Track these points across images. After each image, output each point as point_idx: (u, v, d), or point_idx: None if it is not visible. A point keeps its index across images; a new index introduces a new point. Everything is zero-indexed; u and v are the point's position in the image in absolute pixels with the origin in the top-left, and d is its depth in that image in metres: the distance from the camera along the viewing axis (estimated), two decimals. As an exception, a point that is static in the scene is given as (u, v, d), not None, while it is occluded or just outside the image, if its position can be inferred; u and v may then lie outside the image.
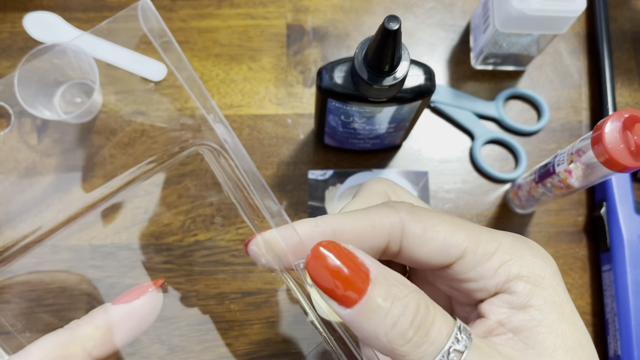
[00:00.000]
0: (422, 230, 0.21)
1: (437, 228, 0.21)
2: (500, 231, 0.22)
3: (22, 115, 0.47)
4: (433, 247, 0.21)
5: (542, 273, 0.20)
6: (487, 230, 0.21)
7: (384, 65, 0.32)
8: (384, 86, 0.33)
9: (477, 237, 0.21)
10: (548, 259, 0.21)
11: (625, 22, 0.52)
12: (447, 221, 0.21)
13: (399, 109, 0.37)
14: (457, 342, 0.18)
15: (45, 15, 0.49)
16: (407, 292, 0.18)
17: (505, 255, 0.20)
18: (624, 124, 0.31)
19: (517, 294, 0.20)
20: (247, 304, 0.43)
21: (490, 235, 0.21)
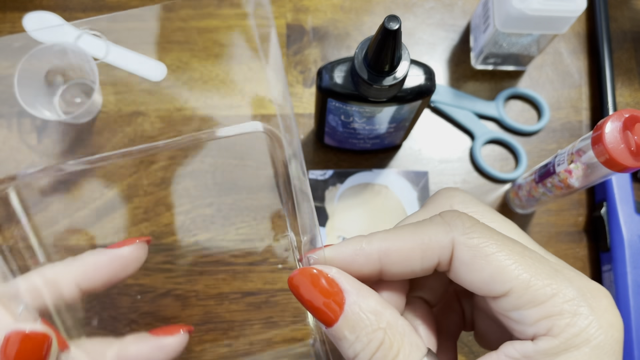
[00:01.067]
0: (471, 257, 0.20)
1: (489, 258, 0.20)
2: (569, 271, 0.20)
3: (21, 115, 0.47)
4: (479, 278, 0.20)
5: (589, 338, 0.18)
6: (549, 269, 0.20)
7: (384, 65, 0.32)
8: (384, 86, 0.33)
9: (531, 279, 0.19)
10: (608, 326, 0.19)
11: (625, 22, 0.52)
12: (504, 251, 0.20)
13: (399, 109, 0.37)
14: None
15: (45, 15, 0.49)
16: (374, 327, 0.19)
17: (556, 308, 0.19)
18: (624, 124, 0.31)
19: (546, 351, 0.19)
20: (247, 304, 0.43)
21: (550, 279, 0.19)
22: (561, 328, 0.19)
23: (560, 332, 0.19)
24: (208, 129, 0.44)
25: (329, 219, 0.45)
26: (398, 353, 0.19)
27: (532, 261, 0.20)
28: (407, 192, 0.46)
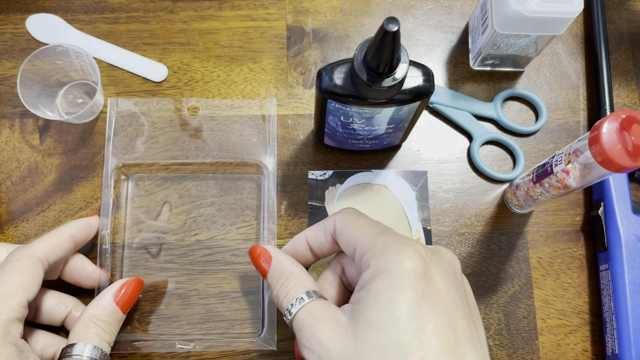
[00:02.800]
0: (341, 228, 0.33)
1: (349, 227, 0.32)
2: (392, 234, 0.31)
3: (24, 115, 0.47)
4: (343, 240, 0.33)
5: (390, 269, 0.28)
6: (376, 232, 0.31)
7: (383, 66, 0.32)
8: (383, 87, 0.33)
9: (365, 237, 0.31)
10: (403, 260, 0.28)
11: (622, 24, 0.52)
12: (356, 223, 0.32)
13: (398, 110, 0.37)
14: (297, 301, 0.31)
15: (47, 17, 0.50)
16: (281, 275, 0.33)
17: (373, 251, 0.29)
18: (621, 125, 0.32)
19: (364, 278, 0.29)
20: (248, 302, 0.43)
21: (375, 237, 0.30)
22: (373, 262, 0.29)
23: (372, 265, 0.29)
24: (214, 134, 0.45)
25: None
26: (291, 288, 0.32)
27: (370, 227, 0.32)
28: (406, 192, 0.47)
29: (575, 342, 0.44)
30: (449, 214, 0.46)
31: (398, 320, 0.26)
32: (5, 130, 0.47)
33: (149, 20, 0.50)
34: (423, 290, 0.27)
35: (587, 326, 0.44)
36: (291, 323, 0.31)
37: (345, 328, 0.28)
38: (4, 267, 0.35)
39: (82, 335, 0.36)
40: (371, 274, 0.28)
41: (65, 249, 0.39)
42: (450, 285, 0.29)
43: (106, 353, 0.36)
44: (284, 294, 0.32)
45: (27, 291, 0.34)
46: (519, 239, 0.46)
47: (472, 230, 0.46)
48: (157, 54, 0.50)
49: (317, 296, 0.31)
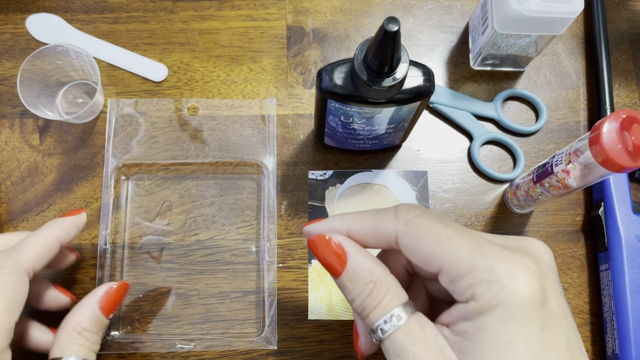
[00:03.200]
0: (409, 243, 0.26)
1: (422, 244, 0.26)
2: (495, 249, 0.25)
3: (24, 115, 0.47)
4: (416, 258, 0.26)
5: (501, 301, 0.23)
6: (471, 246, 0.25)
7: (383, 66, 0.32)
8: (383, 87, 0.33)
9: (456, 258, 0.25)
10: (518, 289, 0.24)
11: (623, 24, 0.52)
12: (434, 237, 0.26)
13: (398, 110, 0.37)
14: (393, 318, 0.26)
15: (47, 17, 0.50)
16: (367, 280, 0.26)
17: (475, 279, 0.24)
18: (621, 125, 0.32)
19: (469, 311, 0.24)
20: (248, 302, 0.43)
21: (471, 255, 0.25)
22: (480, 294, 0.24)
23: (479, 296, 0.24)
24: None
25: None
26: (382, 300, 0.26)
27: (456, 242, 0.25)
28: (406, 192, 0.47)
29: (576, 342, 0.44)
30: (449, 214, 0.46)
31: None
32: (5, 130, 0.47)
33: (149, 20, 0.50)
34: (542, 319, 0.24)
35: (587, 326, 0.44)
36: (382, 341, 0.26)
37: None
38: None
39: (67, 347, 0.33)
40: (480, 307, 0.24)
41: (52, 254, 0.36)
42: (560, 297, 0.25)
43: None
44: (373, 306, 0.26)
45: (15, 312, 0.32)
46: (519, 239, 0.46)
47: (472, 230, 0.46)
48: (157, 53, 0.50)
49: (413, 309, 0.26)
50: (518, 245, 0.26)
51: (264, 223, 0.44)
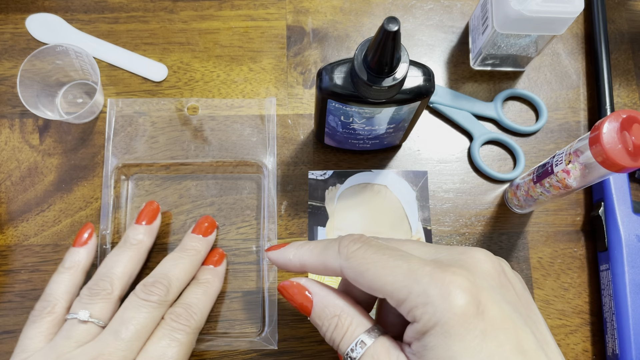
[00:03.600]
0: (353, 276, 0.29)
1: (364, 276, 0.28)
2: (429, 270, 0.26)
3: (24, 115, 0.47)
4: (363, 288, 0.28)
5: (436, 322, 0.25)
6: (406, 272, 0.27)
7: (383, 66, 0.32)
8: (383, 87, 0.33)
9: (393, 286, 0.27)
10: (449, 306, 0.25)
11: (623, 23, 0.52)
12: (371, 270, 0.28)
13: (398, 110, 0.37)
14: (358, 345, 0.28)
15: (47, 17, 0.50)
16: (331, 315, 0.29)
17: (412, 303, 0.26)
18: (621, 125, 0.32)
19: (415, 332, 0.26)
20: (248, 302, 0.43)
21: (406, 281, 0.26)
22: (419, 316, 0.25)
23: (419, 318, 0.25)
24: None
25: (329, 218, 0.45)
26: (347, 330, 0.29)
27: (391, 270, 0.27)
28: (406, 192, 0.47)
29: (576, 342, 0.44)
30: (449, 214, 0.46)
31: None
32: (5, 130, 0.47)
33: (148, 20, 0.50)
34: (481, 329, 0.25)
35: (588, 326, 0.44)
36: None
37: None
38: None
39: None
40: (422, 328, 0.26)
41: (138, 269, 0.40)
42: (503, 303, 0.26)
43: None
44: (340, 337, 0.29)
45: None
46: (519, 239, 0.46)
47: (473, 231, 0.46)
48: (157, 53, 0.49)
49: (378, 333, 0.28)
50: (456, 259, 0.28)
51: (264, 223, 0.44)
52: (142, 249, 0.40)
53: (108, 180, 0.44)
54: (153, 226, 0.41)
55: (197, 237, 0.41)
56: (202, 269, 0.41)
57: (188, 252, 0.40)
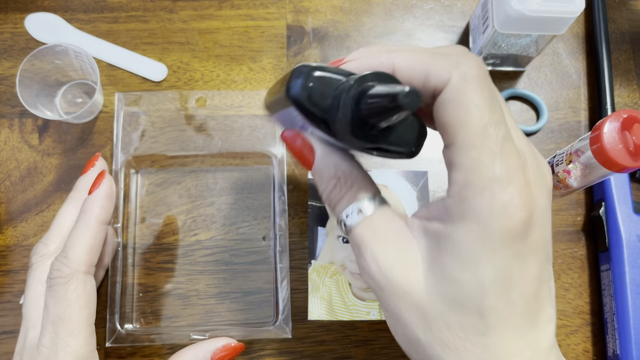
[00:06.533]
0: (450, 100, 0.23)
1: (460, 108, 0.23)
2: (500, 151, 0.23)
3: (23, 115, 0.47)
4: (444, 119, 0.23)
5: (485, 223, 0.22)
6: (494, 147, 0.22)
7: (376, 130, 0.25)
8: (366, 145, 0.25)
9: (474, 147, 0.22)
10: (511, 217, 0.22)
11: (624, 23, 0.52)
12: (475, 112, 0.22)
13: None
14: (354, 212, 0.25)
15: (46, 16, 0.50)
16: (331, 176, 0.27)
17: (474, 184, 0.22)
18: (622, 124, 0.32)
19: (447, 207, 0.23)
20: (248, 303, 0.43)
21: (489, 155, 0.22)
22: (466, 196, 0.22)
23: (464, 198, 0.22)
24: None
25: (329, 219, 0.45)
26: (345, 194, 0.26)
27: (487, 135, 0.22)
28: (407, 192, 0.47)
29: (576, 342, 0.44)
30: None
31: (483, 284, 0.22)
32: (4, 130, 0.47)
33: (148, 20, 0.50)
34: (518, 251, 0.22)
35: (588, 327, 0.44)
36: (347, 234, 0.26)
37: (414, 261, 0.24)
38: (55, 298, 0.32)
39: None
40: (458, 213, 0.22)
41: (101, 242, 0.35)
42: (546, 223, 0.24)
43: None
44: (336, 201, 0.26)
45: (90, 316, 0.33)
46: (520, 239, 0.46)
47: (473, 231, 0.46)
48: (157, 53, 0.49)
49: (379, 203, 0.26)
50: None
51: (274, 215, 0.44)
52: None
53: (118, 174, 0.44)
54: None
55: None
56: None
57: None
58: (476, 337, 0.22)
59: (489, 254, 0.22)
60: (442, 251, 0.23)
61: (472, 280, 0.22)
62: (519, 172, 0.22)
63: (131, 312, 0.43)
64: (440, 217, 0.23)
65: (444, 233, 0.23)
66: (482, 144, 0.22)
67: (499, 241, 0.22)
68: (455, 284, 0.22)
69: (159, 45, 0.50)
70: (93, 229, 0.35)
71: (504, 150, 0.22)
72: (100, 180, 0.37)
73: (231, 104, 0.47)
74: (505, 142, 0.22)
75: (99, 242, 0.35)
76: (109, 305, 0.41)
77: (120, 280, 0.42)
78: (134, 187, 0.45)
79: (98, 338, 0.35)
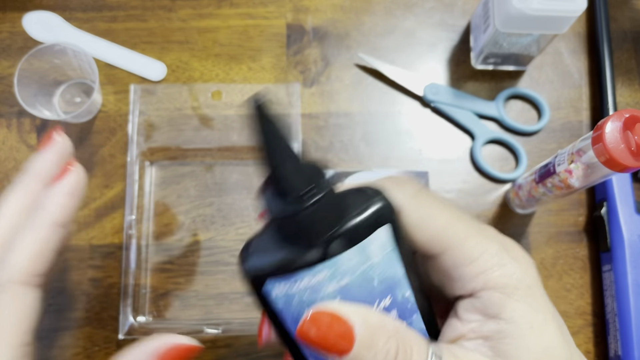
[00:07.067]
0: (418, 219, 0.22)
1: (432, 220, 0.22)
2: (492, 233, 0.23)
3: (21, 115, 0.47)
4: (423, 237, 0.22)
5: (518, 284, 0.21)
6: (477, 229, 0.22)
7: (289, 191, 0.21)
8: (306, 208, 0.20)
9: (465, 238, 0.22)
10: (527, 269, 0.22)
11: (625, 22, 0.52)
12: (444, 214, 0.22)
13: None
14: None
15: (44, 15, 0.49)
16: (388, 336, 0.20)
17: (487, 263, 0.21)
18: (624, 124, 0.31)
19: (490, 304, 0.21)
20: (247, 304, 0.43)
21: (478, 240, 0.22)
22: (495, 281, 0.21)
23: (496, 284, 0.21)
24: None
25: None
26: (412, 352, 0.20)
27: (467, 223, 0.22)
28: (407, 192, 0.46)
29: (578, 343, 0.44)
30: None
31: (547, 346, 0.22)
32: (2, 129, 0.47)
33: (147, 19, 0.50)
34: (542, 288, 0.23)
35: (590, 327, 0.44)
36: None
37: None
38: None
39: None
40: (501, 296, 0.21)
41: (53, 247, 0.28)
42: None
43: None
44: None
45: (23, 335, 0.27)
46: (521, 239, 0.46)
47: (474, 231, 0.46)
48: (156, 52, 0.49)
49: (438, 346, 0.22)
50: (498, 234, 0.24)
51: None
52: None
53: (132, 165, 0.44)
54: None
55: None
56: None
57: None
58: None
59: (543, 305, 0.22)
60: (519, 338, 0.21)
61: (545, 346, 0.22)
62: (501, 237, 0.23)
63: (156, 298, 0.42)
64: (487, 312, 0.22)
65: (508, 319, 0.21)
66: (477, 239, 0.22)
67: (539, 287, 0.22)
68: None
69: (157, 44, 0.49)
70: (45, 231, 0.28)
71: (487, 231, 0.23)
72: (67, 172, 0.29)
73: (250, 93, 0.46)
74: (478, 224, 0.23)
75: (50, 248, 0.28)
76: (122, 297, 0.41)
77: (133, 272, 0.42)
78: (148, 180, 0.45)
79: (109, 332, 0.34)
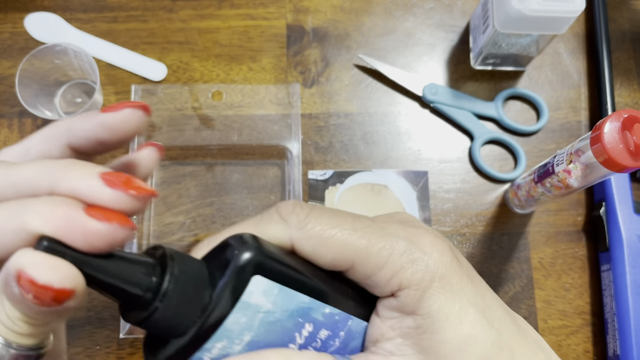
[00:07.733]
0: (313, 247, 0.21)
1: (328, 242, 0.21)
2: (396, 229, 0.22)
3: (22, 115, 0.47)
4: (325, 261, 0.21)
5: (432, 277, 0.21)
6: (379, 232, 0.22)
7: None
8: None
9: (368, 248, 0.21)
10: (440, 258, 0.21)
11: (624, 23, 0.52)
12: (339, 231, 0.21)
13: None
14: None
15: (46, 16, 0.50)
16: None
17: (396, 265, 0.21)
18: (623, 124, 0.31)
19: (407, 303, 0.21)
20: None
21: (382, 244, 0.21)
22: (409, 279, 0.21)
23: (409, 283, 0.21)
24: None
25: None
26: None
27: (363, 231, 0.21)
28: (407, 192, 0.46)
29: (577, 342, 0.44)
30: (450, 214, 0.46)
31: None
32: (3, 129, 0.47)
33: (148, 19, 0.50)
34: (467, 275, 0.22)
35: (589, 327, 0.44)
36: None
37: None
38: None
39: None
40: (416, 293, 0.21)
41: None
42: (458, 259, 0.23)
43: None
44: None
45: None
46: (520, 239, 0.46)
47: (473, 231, 0.46)
48: (156, 53, 0.49)
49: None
50: (407, 227, 0.23)
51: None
52: None
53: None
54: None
55: None
56: None
57: None
58: None
59: (460, 294, 0.21)
60: (439, 331, 0.21)
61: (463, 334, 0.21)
62: (413, 229, 0.22)
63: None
64: (406, 310, 0.21)
65: (426, 314, 0.21)
66: (381, 244, 0.21)
67: (456, 276, 0.22)
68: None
69: (158, 44, 0.50)
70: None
71: (391, 229, 0.22)
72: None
73: (249, 102, 0.47)
74: (381, 224, 0.22)
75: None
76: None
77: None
78: (149, 180, 0.45)
79: (109, 330, 0.34)
